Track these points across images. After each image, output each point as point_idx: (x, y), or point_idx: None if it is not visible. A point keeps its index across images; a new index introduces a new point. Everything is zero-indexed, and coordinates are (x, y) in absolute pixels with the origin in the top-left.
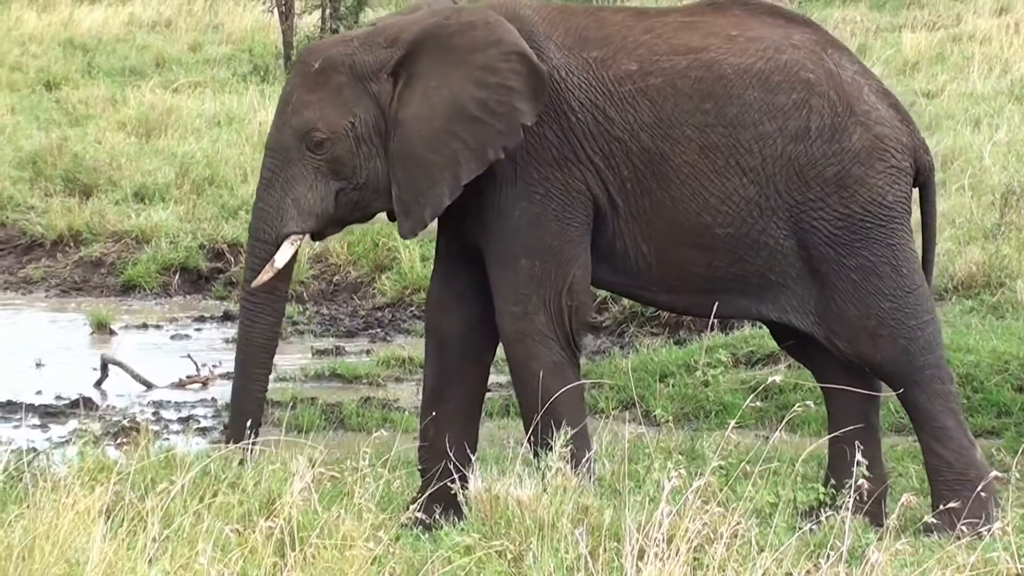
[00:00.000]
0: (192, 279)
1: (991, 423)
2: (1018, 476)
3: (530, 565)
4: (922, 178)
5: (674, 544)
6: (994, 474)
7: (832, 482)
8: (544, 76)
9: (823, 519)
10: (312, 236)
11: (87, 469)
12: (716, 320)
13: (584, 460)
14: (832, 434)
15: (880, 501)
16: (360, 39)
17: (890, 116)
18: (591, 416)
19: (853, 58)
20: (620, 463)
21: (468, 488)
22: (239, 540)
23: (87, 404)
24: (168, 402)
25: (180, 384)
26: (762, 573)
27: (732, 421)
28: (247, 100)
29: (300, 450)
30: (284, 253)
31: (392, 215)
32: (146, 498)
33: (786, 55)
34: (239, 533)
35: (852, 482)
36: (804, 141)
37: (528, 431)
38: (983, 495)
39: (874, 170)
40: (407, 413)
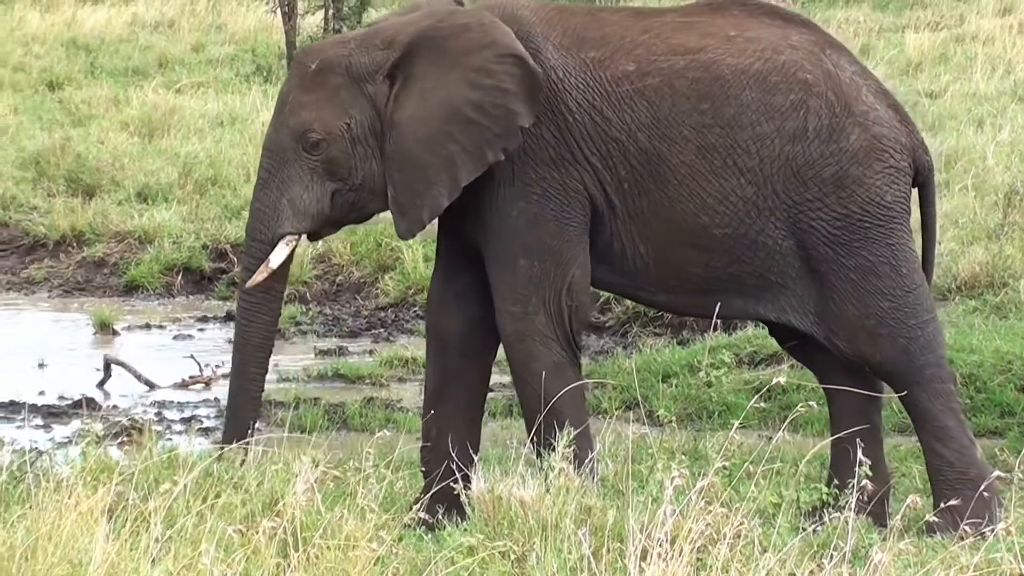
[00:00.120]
0: (195, 279)
1: (994, 423)
2: (1021, 476)
3: (533, 566)
4: (921, 178)
5: (677, 544)
6: (996, 474)
7: (835, 482)
8: (539, 78)
9: (826, 519)
10: (308, 237)
11: (90, 469)
12: (719, 320)
13: (587, 460)
14: (834, 435)
15: (883, 501)
16: (357, 40)
17: (889, 116)
18: (594, 416)
19: (852, 59)
20: (623, 463)
21: (471, 488)
22: (242, 540)
23: (90, 404)
24: (171, 402)
25: (183, 384)
26: (765, 574)
27: (735, 422)
28: (250, 100)
29: (303, 450)
30: (279, 253)
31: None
32: (149, 498)
33: (784, 56)
34: (242, 533)
35: (855, 482)
36: (802, 141)
37: (530, 431)
38: (986, 495)
39: (872, 170)
40: (410, 413)
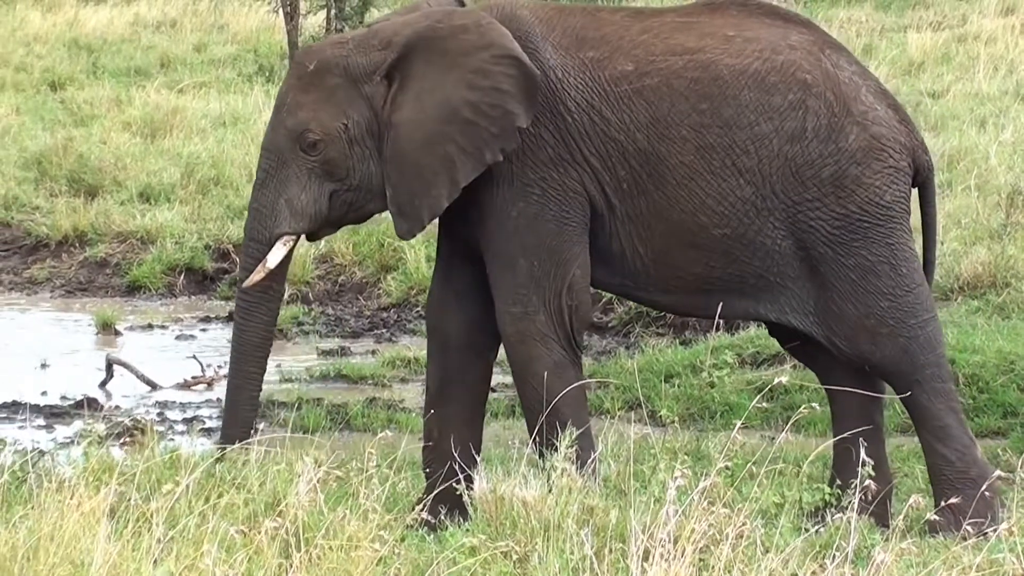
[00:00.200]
0: (197, 279)
1: (997, 423)
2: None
3: (535, 566)
4: (921, 178)
5: (679, 545)
6: (998, 473)
7: (837, 482)
8: (536, 79)
9: (829, 520)
10: (307, 237)
11: (92, 470)
12: (721, 320)
13: (590, 461)
14: (837, 435)
15: (885, 501)
16: (355, 41)
17: (888, 116)
18: (597, 416)
19: (851, 58)
20: (625, 464)
21: (473, 489)
22: (244, 541)
23: (92, 405)
24: (173, 403)
25: (185, 385)
26: (768, 574)
27: (738, 422)
28: (252, 100)
29: (306, 451)
30: (276, 254)
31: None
32: (151, 499)
33: (783, 56)
34: (244, 534)
35: (857, 482)
36: (800, 141)
37: (531, 432)
38: (988, 495)
39: (871, 170)
40: (412, 414)
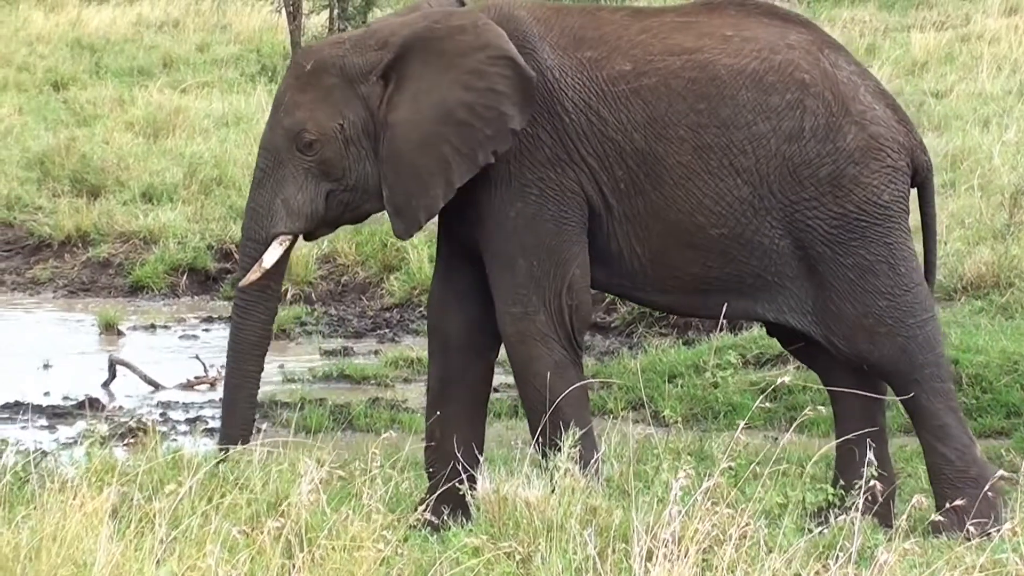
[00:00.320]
0: (200, 279)
1: (1000, 424)
2: None
3: (538, 566)
4: (920, 178)
5: (683, 545)
6: (1000, 473)
7: (841, 483)
8: (531, 80)
9: (832, 520)
10: (304, 237)
11: (94, 470)
12: (725, 321)
13: (593, 461)
14: (840, 435)
15: (888, 502)
16: (352, 41)
17: (887, 116)
18: (600, 417)
19: (850, 58)
20: (629, 464)
21: (476, 489)
22: (247, 541)
23: (94, 405)
24: (176, 403)
25: (188, 385)
26: (771, 574)
27: (742, 422)
28: (255, 100)
29: (308, 451)
30: (272, 253)
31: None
32: (154, 499)
33: (781, 55)
34: (247, 534)
35: (861, 483)
36: (798, 141)
37: (533, 432)
38: (991, 495)
39: (869, 169)
40: (415, 414)
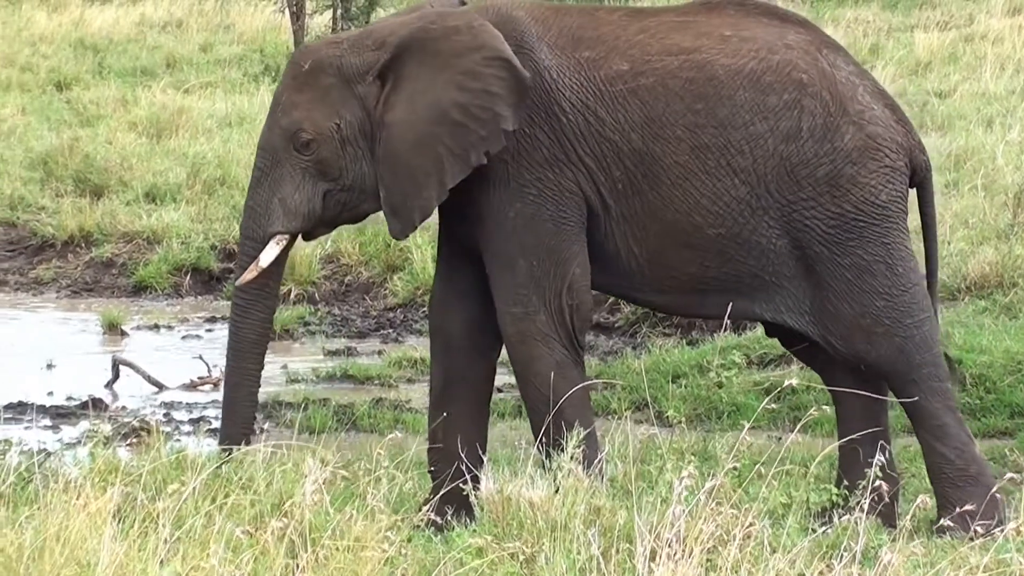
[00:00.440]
0: (203, 280)
1: (1004, 423)
2: None
3: (542, 566)
4: (919, 178)
5: (687, 545)
6: (1009, 476)
7: (844, 483)
8: (526, 81)
9: (836, 520)
10: (302, 236)
11: (98, 470)
12: (721, 320)
13: (596, 461)
14: (842, 435)
15: (892, 502)
16: (349, 41)
17: (885, 116)
18: (603, 417)
19: (849, 58)
20: (632, 464)
21: (480, 489)
22: (251, 541)
23: (98, 405)
24: (179, 403)
25: (191, 385)
26: (775, 574)
27: (747, 423)
28: (258, 100)
29: (312, 451)
30: (269, 252)
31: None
32: (157, 499)
33: (778, 55)
34: (251, 534)
35: (864, 483)
36: (796, 141)
37: (535, 431)
38: (998, 496)
39: (867, 169)
40: (419, 414)
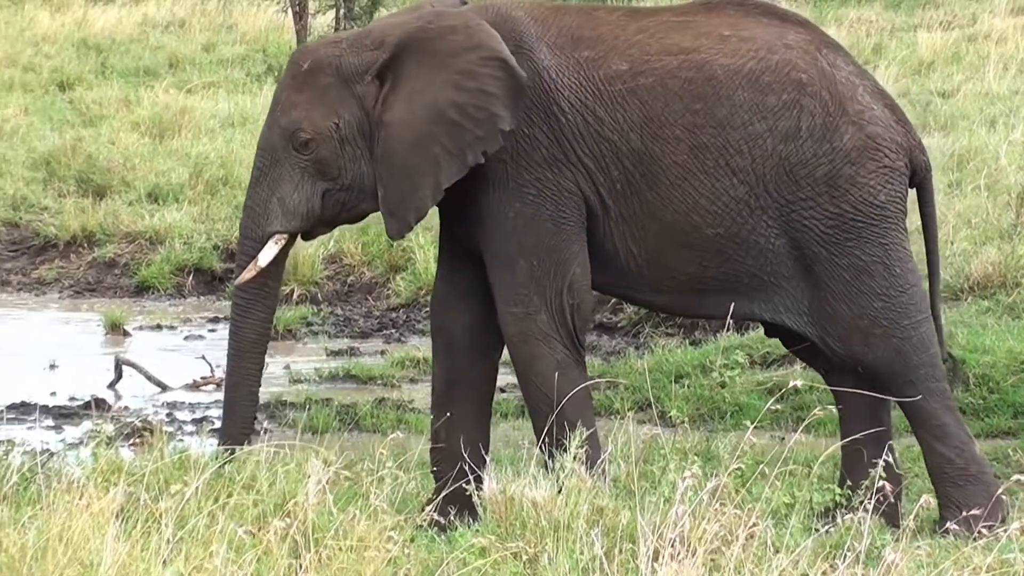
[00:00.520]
0: (206, 280)
1: (1007, 424)
2: None
3: (545, 566)
4: (918, 178)
5: (690, 545)
6: (1016, 477)
7: (847, 483)
8: (523, 81)
9: (839, 520)
10: (301, 236)
11: (101, 470)
12: (719, 320)
13: (599, 461)
14: (845, 435)
15: (895, 502)
16: (348, 41)
17: (884, 116)
18: (606, 417)
19: (848, 58)
20: (635, 464)
21: (483, 489)
22: (253, 541)
23: (101, 405)
24: (182, 403)
25: (194, 385)
26: (778, 574)
27: (750, 423)
28: (261, 100)
29: (315, 451)
30: (268, 252)
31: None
32: (160, 499)
33: (778, 55)
34: (253, 534)
35: (867, 483)
36: (795, 141)
37: (536, 431)
38: (1004, 498)
39: (866, 169)
40: (422, 414)
